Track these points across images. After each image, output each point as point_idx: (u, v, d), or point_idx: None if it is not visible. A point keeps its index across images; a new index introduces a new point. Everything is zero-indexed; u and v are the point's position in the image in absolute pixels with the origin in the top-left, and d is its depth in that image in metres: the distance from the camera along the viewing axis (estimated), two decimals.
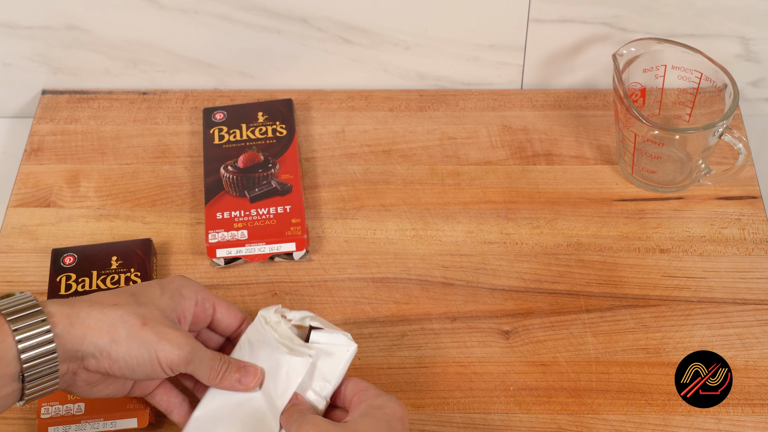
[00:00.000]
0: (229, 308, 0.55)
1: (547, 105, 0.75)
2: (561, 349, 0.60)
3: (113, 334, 0.48)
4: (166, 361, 0.49)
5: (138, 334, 0.48)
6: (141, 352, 0.48)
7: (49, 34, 0.73)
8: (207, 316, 0.54)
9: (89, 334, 0.47)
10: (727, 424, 0.57)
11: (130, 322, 0.48)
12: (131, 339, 0.48)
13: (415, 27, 0.73)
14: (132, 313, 0.49)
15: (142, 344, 0.48)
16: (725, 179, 0.68)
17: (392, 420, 0.48)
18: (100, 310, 0.48)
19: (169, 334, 0.49)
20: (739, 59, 0.74)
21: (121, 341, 0.48)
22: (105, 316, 0.48)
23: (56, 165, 0.71)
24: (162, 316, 0.50)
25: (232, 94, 0.76)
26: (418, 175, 0.70)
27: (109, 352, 0.48)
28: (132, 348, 0.48)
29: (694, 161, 0.67)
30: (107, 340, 0.47)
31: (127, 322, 0.48)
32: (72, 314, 0.47)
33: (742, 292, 0.63)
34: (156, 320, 0.49)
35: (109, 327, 0.47)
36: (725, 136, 0.64)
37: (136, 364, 0.48)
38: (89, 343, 0.47)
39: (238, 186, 0.67)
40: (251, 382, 0.52)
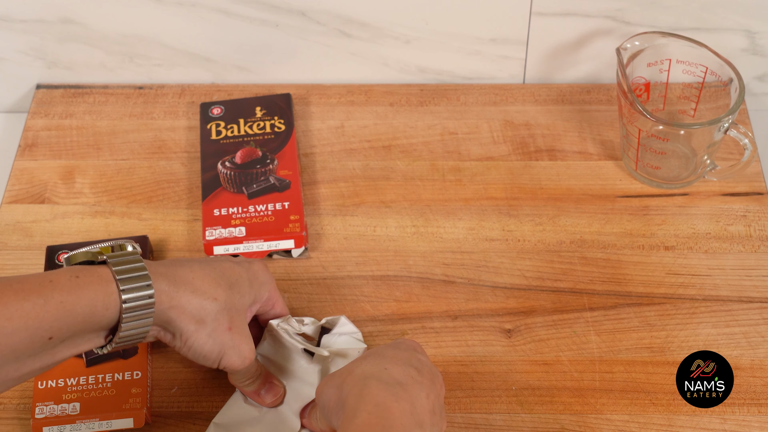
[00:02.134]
0: (283, 308, 0.57)
1: (550, 100, 0.74)
2: (564, 347, 0.60)
3: (200, 325, 0.50)
4: (226, 363, 0.52)
5: (220, 336, 0.51)
6: (213, 349, 0.51)
7: (44, 28, 0.73)
8: (265, 311, 0.57)
9: (181, 318, 0.49)
10: (732, 424, 0.57)
11: (219, 320, 0.51)
12: (212, 336, 0.51)
13: (416, 20, 0.72)
14: (225, 313, 0.51)
15: (218, 344, 0.51)
16: (731, 175, 0.67)
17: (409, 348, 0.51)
18: (199, 302, 0.50)
19: (243, 344, 0.52)
20: (745, 53, 0.73)
21: (202, 334, 0.50)
22: (202, 308, 0.50)
23: (51, 160, 0.71)
24: (244, 322, 0.53)
25: (230, 89, 0.75)
26: (419, 170, 0.70)
27: (188, 338, 0.50)
28: (209, 343, 0.51)
29: (699, 157, 0.66)
30: (193, 328, 0.50)
31: (218, 321, 0.51)
32: (174, 297, 0.49)
33: (748, 290, 0.63)
34: (238, 327, 0.52)
35: (200, 318, 0.50)
36: (731, 132, 0.64)
37: (203, 356, 0.51)
38: (178, 323, 0.50)
39: (236, 182, 0.67)
40: (268, 400, 0.55)
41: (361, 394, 0.46)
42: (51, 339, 0.45)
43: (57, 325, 0.45)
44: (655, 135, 0.65)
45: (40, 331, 0.45)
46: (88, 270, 0.47)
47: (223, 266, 0.53)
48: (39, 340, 0.45)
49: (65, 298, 0.45)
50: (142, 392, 0.56)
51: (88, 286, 0.46)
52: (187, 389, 0.58)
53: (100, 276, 0.47)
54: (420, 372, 0.48)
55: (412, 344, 0.52)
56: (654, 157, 0.67)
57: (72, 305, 0.45)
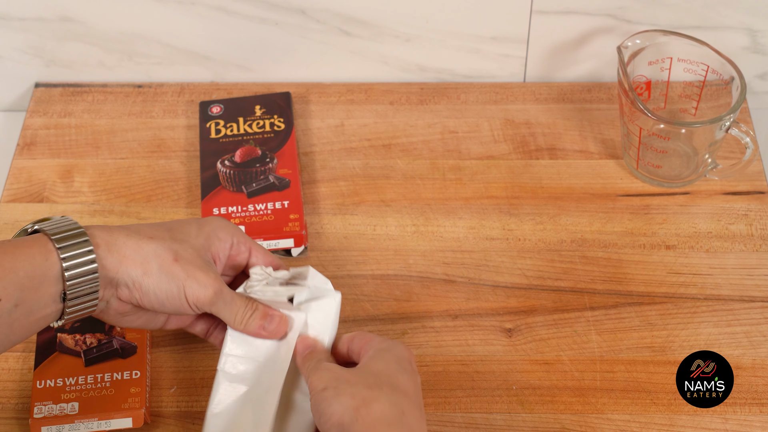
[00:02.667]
0: (265, 253, 0.55)
1: (551, 98, 0.74)
2: (564, 347, 0.60)
3: (145, 267, 0.49)
4: (192, 298, 0.50)
5: (168, 269, 0.49)
6: (170, 287, 0.50)
7: (43, 26, 0.72)
8: (242, 259, 0.55)
9: (123, 263, 0.49)
10: (734, 424, 0.56)
11: (162, 256, 0.50)
12: (162, 273, 0.49)
13: (416, 19, 0.72)
14: (165, 248, 0.50)
15: (172, 279, 0.49)
16: (732, 174, 0.67)
17: (401, 360, 0.50)
18: (135, 241, 0.49)
19: (198, 273, 0.50)
20: (746, 51, 0.73)
21: (152, 274, 0.49)
22: (140, 248, 0.49)
23: (49, 159, 0.71)
24: (195, 255, 0.51)
25: (229, 87, 0.75)
26: (419, 169, 0.70)
27: (141, 284, 0.49)
28: (162, 281, 0.49)
29: (701, 155, 0.66)
30: (140, 272, 0.49)
31: (160, 256, 0.50)
32: (110, 241, 0.49)
33: (750, 289, 0.62)
34: (188, 258, 0.50)
35: (142, 259, 0.49)
36: (732, 130, 0.63)
37: (165, 297, 0.50)
38: (123, 272, 0.49)
39: (235, 181, 0.67)
40: (276, 329, 0.52)
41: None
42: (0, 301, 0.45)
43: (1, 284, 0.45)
44: (656, 134, 0.65)
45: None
46: (23, 237, 0.48)
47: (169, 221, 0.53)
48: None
49: (2, 258, 0.46)
50: (141, 392, 0.56)
51: (25, 246, 0.47)
52: (186, 389, 0.58)
53: (34, 238, 0.48)
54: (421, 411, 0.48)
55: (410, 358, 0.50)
56: (655, 155, 0.67)
57: (11, 263, 0.46)
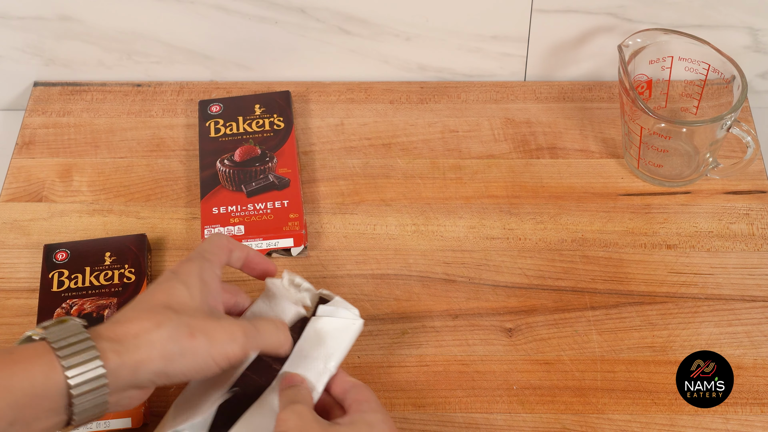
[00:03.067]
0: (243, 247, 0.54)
1: (551, 97, 0.74)
2: (565, 347, 0.60)
3: (166, 356, 0.46)
4: (226, 361, 0.48)
5: (191, 349, 0.47)
6: (197, 363, 0.47)
7: (42, 25, 0.72)
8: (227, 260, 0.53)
9: (141, 366, 0.46)
10: (735, 424, 0.56)
11: (178, 338, 0.47)
12: (185, 355, 0.47)
13: (416, 17, 0.72)
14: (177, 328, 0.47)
15: (197, 356, 0.47)
16: (733, 173, 0.67)
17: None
18: (146, 338, 0.46)
19: (218, 334, 0.48)
20: (748, 50, 0.73)
21: (175, 360, 0.47)
22: (153, 343, 0.46)
23: (48, 159, 0.70)
24: (203, 315, 0.49)
25: (229, 86, 0.75)
26: (419, 169, 0.69)
27: (166, 373, 0.47)
28: (188, 362, 0.47)
29: (702, 155, 0.66)
30: (161, 365, 0.46)
31: (176, 339, 0.47)
32: (122, 351, 0.46)
33: (751, 289, 0.62)
34: (200, 324, 0.48)
35: (160, 353, 0.46)
36: (733, 129, 0.63)
37: (195, 373, 0.48)
38: (143, 373, 0.46)
39: (235, 180, 0.66)
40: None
41: None
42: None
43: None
44: (657, 133, 0.65)
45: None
46: (23, 345, 0.44)
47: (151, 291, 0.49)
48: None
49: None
50: None
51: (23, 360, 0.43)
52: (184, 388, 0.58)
53: (35, 348, 0.44)
54: None
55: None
56: (656, 155, 0.67)
57: (7, 381, 0.42)
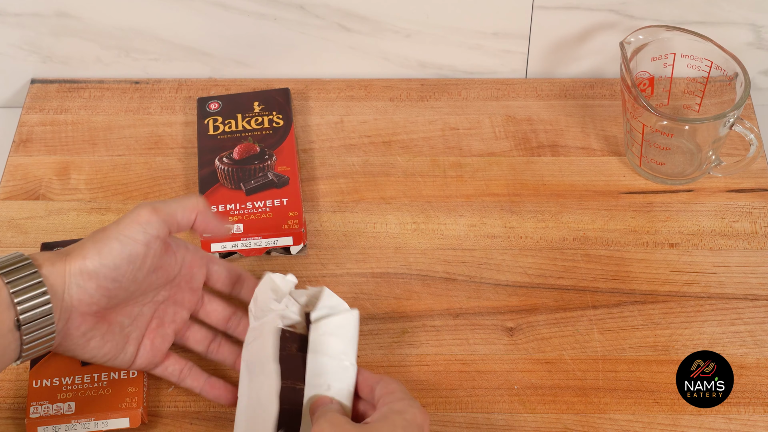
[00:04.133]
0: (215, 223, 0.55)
1: (553, 94, 0.74)
2: (567, 346, 0.59)
3: (83, 253, 0.50)
4: (137, 229, 0.50)
5: (101, 235, 0.50)
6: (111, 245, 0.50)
7: (39, 22, 0.72)
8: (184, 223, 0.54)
9: (67, 267, 0.49)
10: (738, 424, 0.56)
11: (92, 235, 0.50)
12: (97, 243, 0.50)
13: (416, 14, 0.72)
14: (94, 231, 0.51)
15: (107, 239, 0.50)
16: (736, 171, 0.66)
17: (410, 426, 0.49)
18: (75, 244, 0.50)
19: (125, 215, 0.51)
20: (751, 47, 0.73)
21: (90, 253, 0.49)
22: (75, 245, 0.50)
23: (46, 156, 0.70)
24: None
25: (227, 84, 0.75)
26: (420, 166, 0.69)
27: (87, 270, 0.49)
28: (102, 249, 0.50)
29: (704, 152, 0.66)
30: (80, 260, 0.49)
31: (91, 237, 0.50)
32: (53, 257, 0.50)
33: (754, 288, 0.62)
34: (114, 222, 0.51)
35: (78, 250, 0.50)
36: (736, 127, 0.63)
37: (113, 257, 0.50)
38: (69, 276, 0.49)
39: (234, 178, 0.66)
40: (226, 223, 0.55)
41: None
42: None
43: None
44: (660, 130, 0.64)
45: None
46: None
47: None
48: None
49: None
50: (138, 391, 0.56)
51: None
52: (183, 389, 0.58)
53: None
54: None
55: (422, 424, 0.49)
56: (658, 152, 0.66)
57: None
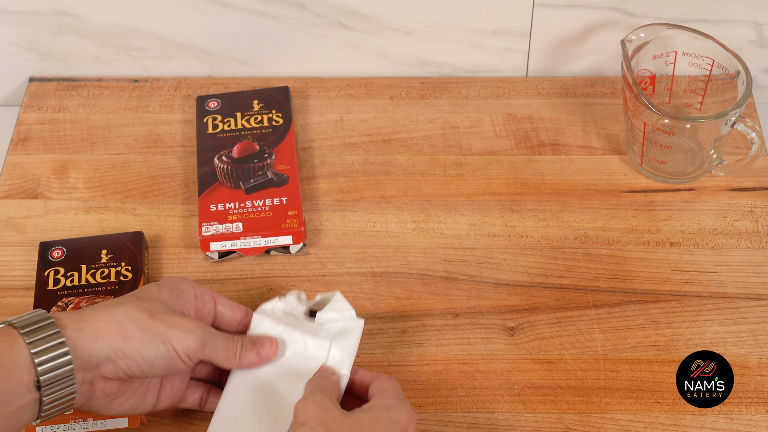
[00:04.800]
0: (229, 302, 0.55)
1: (553, 93, 0.73)
2: (567, 346, 0.59)
3: (124, 332, 0.48)
4: (182, 348, 0.49)
5: (148, 327, 0.49)
6: (156, 345, 0.49)
7: (37, 20, 0.72)
8: (209, 310, 0.55)
9: (99, 336, 0.48)
10: (740, 424, 0.56)
11: (137, 316, 0.49)
12: (143, 333, 0.48)
13: (416, 12, 0.72)
14: (137, 308, 0.49)
15: (155, 336, 0.49)
16: (738, 170, 0.66)
17: (393, 425, 0.48)
18: (105, 311, 0.49)
19: (179, 321, 0.50)
20: (752, 45, 0.73)
21: (133, 337, 0.48)
22: (111, 315, 0.49)
23: (44, 155, 0.70)
24: (167, 308, 0.51)
25: (227, 82, 0.75)
26: (420, 165, 0.69)
27: (124, 351, 0.48)
28: (146, 342, 0.48)
29: (706, 151, 0.65)
30: (119, 338, 0.48)
31: (135, 317, 0.49)
32: (78, 320, 0.48)
33: (756, 287, 0.62)
34: (162, 311, 0.50)
35: (117, 325, 0.48)
36: (738, 125, 0.62)
37: (154, 357, 0.49)
38: (101, 345, 0.48)
39: (233, 177, 0.66)
40: (269, 353, 0.53)
41: None
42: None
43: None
44: (661, 129, 0.64)
45: None
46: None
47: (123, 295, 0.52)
48: None
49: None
50: None
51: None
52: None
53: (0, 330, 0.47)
54: None
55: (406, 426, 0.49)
56: (660, 151, 0.66)
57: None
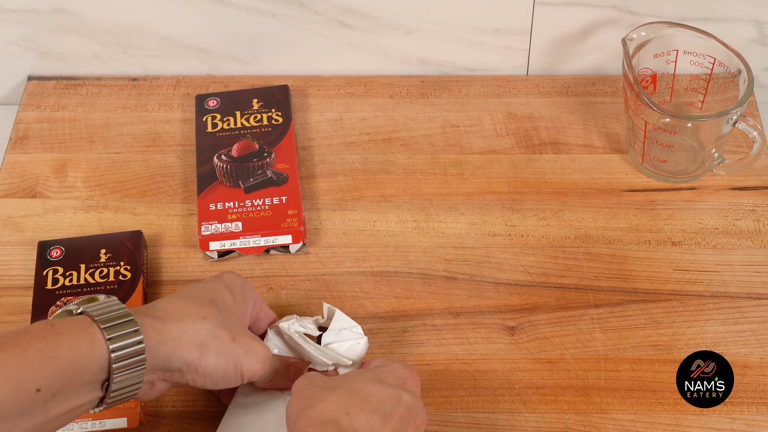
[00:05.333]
0: (268, 309, 0.56)
1: (554, 91, 0.73)
2: (568, 345, 0.59)
3: (203, 350, 0.48)
4: (249, 373, 0.50)
5: (228, 349, 0.49)
6: (227, 366, 0.49)
7: (36, 18, 0.72)
8: (260, 318, 0.55)
9: (180, 349, 0.48)
10: (741, 424, 0.56)
11: (220, 336, 0.49)
12: (220, 354, 0.49)
13: (417, 10, 0.71)
14: (221, 327, 0.49)
15: (230, 358, 0.49)
16: (739, 169, 0.66)
17: (385, 374, 0.49)
18: (191, 325, 0.48)
19: (254, 347, 0.50)
20: (754, 44, 0.72)
21: (210, 356, 0.48)
22: (196, 331, 0.48)
23: (43, 154, 0.70)
24: (244, 328, 0.51)
25: (226, 80, 0.74)
26: (420, 164, 0.69)
27: (197, 367, 0.48)
28: (220, 362, 0.49)
29: (707, 150, 0.65)
30: (197, 355, 0.48)
31: (218, 337, 0.49)
32: (164, 330, 0.47)
33: (757, 287, 0.62)
34: (241, 333, 0.50)
35: (199, 343, 0.48)
36: (739, 124, 0.62)
37: (221, 376, 0.49)
38: (179, 358, 0.48)
39: (232, 176, 0.66)
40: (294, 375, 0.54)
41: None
42: (39, 391, 0.42)
43: (41, 374, 0.42)
44: (662, 128, 0.64)
45: (23, 382, 0.42)
46: (63, 319, 0.45)
47: (198, 287, 0.51)
48: (25, 392, 0.42)
49: (43, 345, 0.43)
50: None
51: (67, 331, 0.44)
52: (181, 388, 0.57)
53: (77, 321, 0.45)
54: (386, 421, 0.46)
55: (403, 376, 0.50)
56: (661, 150, 0.66)
57: (53, 351, 0.43)
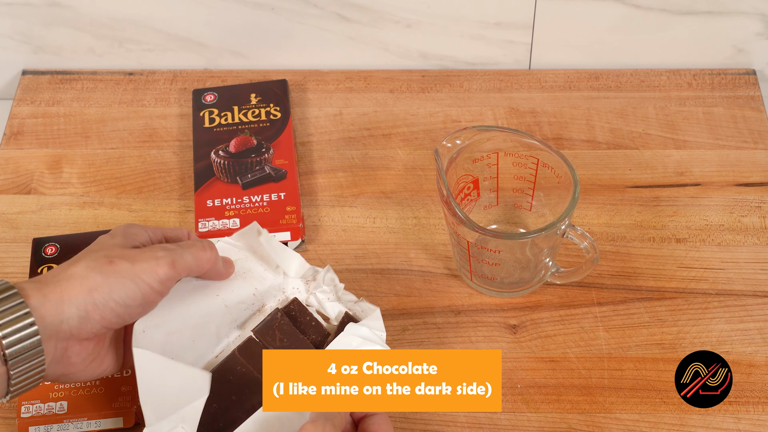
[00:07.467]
0: (173, 230, 0.54)
1: (557, 86, 0.73)
2: (571, 344, 0.59)
3: (88, 285, 0.47)
4: (154, 278, 0.48)
5: (112, 271, 0.47)
6: (125, 285, 0.47)
7: (30, 11, 0.71)
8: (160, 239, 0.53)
9: (65, 298, 0.46)
10: (747, 423, 0.55)
11: (97, 266, 0.47)
12: (108, 278, 0.47)
13: (417, 3, 0.71)
14: (95, 259, 0.48)
15: (121, 277, 0.47)
16: (576, 278, 0.59)
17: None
18: (65, 272, 0.47)
19: (140, 255, 0.48)
20: (760, 38, 0.72)
21: (99, 286, 0.47)
22: (72, 273, 0.47)
23: (37, 149, 0.70)
24: (123, 248, 0.49)
25: (224, 75, 0.74)
26: (421, 160, 0.68)
27: (94, 303, 0.47)
28: (113, 286, 0.47)
29: (541, 260, 0.57)
30: (84, 292, 0.47)
31: (95, 267, 0.47)
32: (42, 286, 0.47)
33: (763, 284, 0.61)
34: (120, 253, 0.48)
35: (80, 281, 0.47)
36: (568, 236, 0.55)
37: (126, 297, 0.47)
38: (69, 307, 0.46)
39: (230, 172, 0.65)
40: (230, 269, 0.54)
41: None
42: None
43: None
44: (484, 247, 0.55)
45: None
46: None
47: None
48: None
49: None
50: (132, 390, 0.55)
51: None
52: None
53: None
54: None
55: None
56: (489, 268, 0.58)
57: None
